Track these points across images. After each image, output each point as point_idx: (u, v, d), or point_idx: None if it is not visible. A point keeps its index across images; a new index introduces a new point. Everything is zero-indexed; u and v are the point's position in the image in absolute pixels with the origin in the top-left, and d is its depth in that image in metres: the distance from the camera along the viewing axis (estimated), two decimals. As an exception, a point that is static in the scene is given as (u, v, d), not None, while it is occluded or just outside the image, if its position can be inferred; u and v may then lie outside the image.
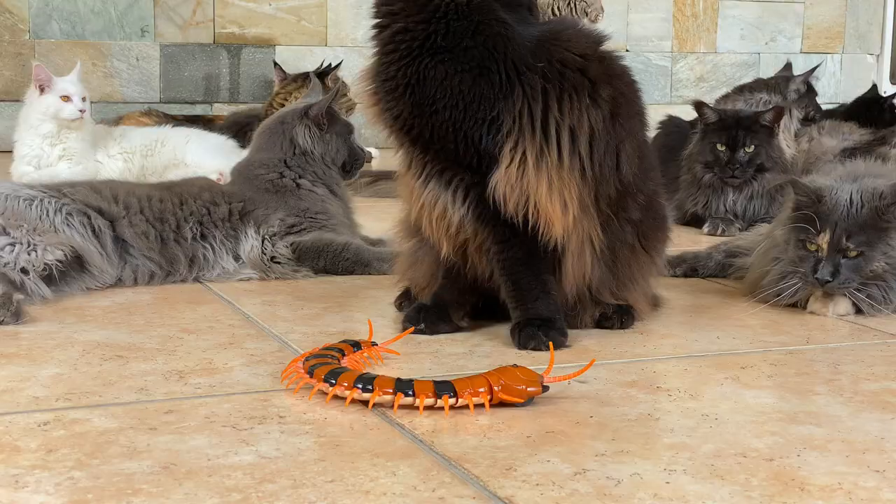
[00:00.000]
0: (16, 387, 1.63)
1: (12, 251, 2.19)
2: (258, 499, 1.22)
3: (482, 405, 1.54)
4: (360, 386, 1.54)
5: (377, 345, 1.79)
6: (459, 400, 1.53)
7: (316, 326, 2.04)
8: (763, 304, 2.23)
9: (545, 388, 1.57)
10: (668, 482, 1.29)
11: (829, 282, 2.14)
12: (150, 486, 1.25)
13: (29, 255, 2.20)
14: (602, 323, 2.04)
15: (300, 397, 1.60)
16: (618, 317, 2.04)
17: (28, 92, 3.67)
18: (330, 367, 1.59)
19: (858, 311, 2.21)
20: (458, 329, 2.01)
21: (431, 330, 1.97)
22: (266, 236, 2.52)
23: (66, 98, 3.58)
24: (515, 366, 1.58)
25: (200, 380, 1.68)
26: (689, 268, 2.60)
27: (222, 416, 1.50)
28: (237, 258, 2.50)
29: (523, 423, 1.50)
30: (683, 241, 3.09)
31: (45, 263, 2.21)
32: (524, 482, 1.29)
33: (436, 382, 1.54)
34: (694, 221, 3.45)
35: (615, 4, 5.63)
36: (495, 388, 1.54)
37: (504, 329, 2.00)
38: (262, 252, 2.51)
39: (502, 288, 1.95)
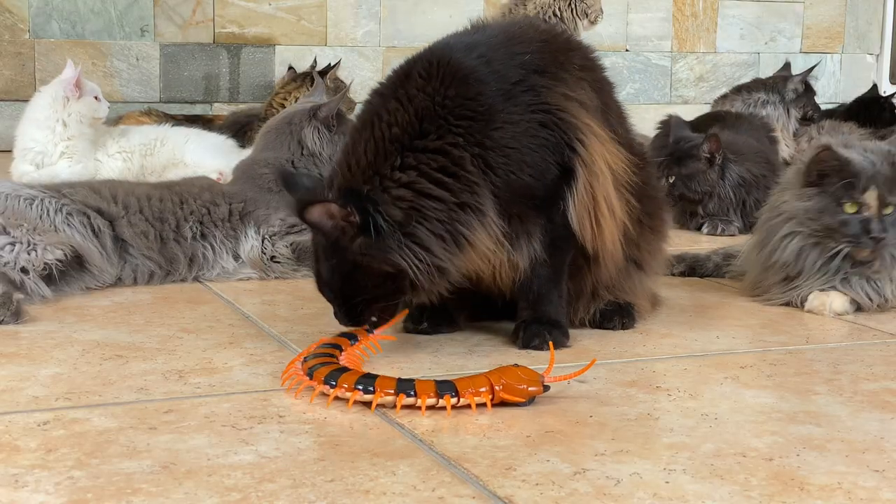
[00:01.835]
0: (16, 386, 1.63)
1: (12, 250, 2.19)
2: (258, 498, 1.22)
3: (484, 405, 1.54)
4: (361, 388, 1.54)
5: (372, 332, 1.78)
6: (461, 399, 1.53)
7: (315, 326, 2.04)
8: (781, 299, 2.24)
9: (546, 388, 1.57)
10: (667, 482, 1.29)
11: (882, 238, 2.15)
12: (150, 485, 1.25)
13: (29, 254, 2.20)
14: (604, 324, 2.04)
15: (300, 397, 1.60)
16: (619, 318, 2.04)
17: (50, 92, 3.66)
18: (330, 368, 1.58)
19: (858, 308, 2.22)
20: (459, 329, 2.01)
21: (433, 329, 1.98)
22: (266, 236, 2.52)
23: (97, 98, 3.66)
24: (516, 365, 1.58)
25: (200, 379, 1.69)
26: (688, 267, 2.61)
27: (222, 416, 1.51)
28: (237, 258, 2.50)
29: (523, 423, 1.50)
30: (683, 241, 3.09)
31: (45, 263, 2.21)
32: (524, 482, 1.29)
33: (437, 382, 1.54)
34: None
35: (615, 4, 5.63)
36: (497, 388, 1.54)
37: (504, 328, 2.00)
38: (262, 252, 2.50)
39: (521, 292, 1.93)
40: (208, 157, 3.68)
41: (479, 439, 1.43)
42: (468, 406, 1.53)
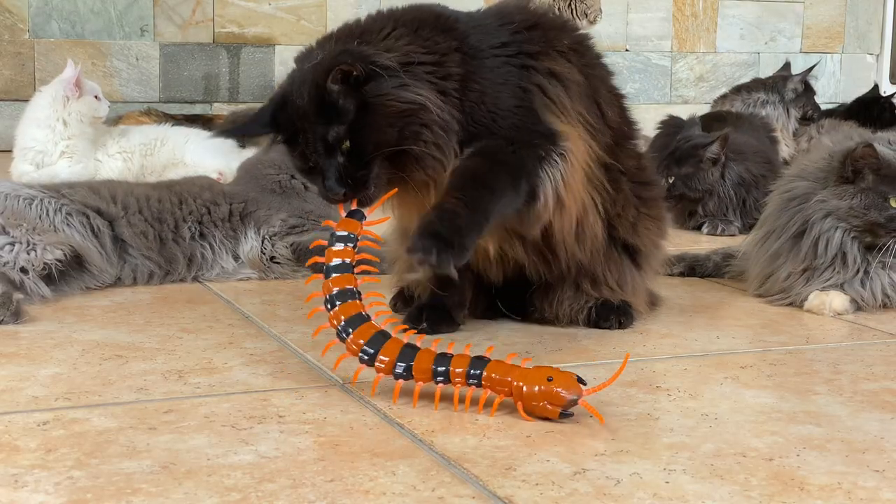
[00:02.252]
0: (15, 386, 1.63)
1: (12, 250, 2.19)
2: (257, 498, 1.22)
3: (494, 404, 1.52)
4: (400, 373, 1.54)
5: (364, 217, 1.70)
6: (480, 391, 1.52)
7: (315, 326, 2.03)
8: (803, 292, 2.24)
9: (566, 415, 1.50)
10: (667, 482, 1.29)
11: None
12: (150, 485, 1.25)
13: (28, 254, 2.20)
14: (599, 323, 2.03)
15: (299, 397, 1.60)
16: (616, 317, 2.03)
17: (50, 92, 3.66)
18: (366, 333, 1.57)
19: (858, 308, 2.22)
20: (458, 328, 2.01)
21: (433, 329, 1.97)
22: (266, 236, 2.51)
23: (97, 97, 3.67)
24: (550, 378, 1.50)
25: (200, 379, 1.68)
26: (688, 267, 2.61)
27: (222, 416, 1.50)
28: (236, 258, 2.50)
29: (523, 423, 1.49)
30: (683, 241, 3.09)
31: (45, 263, 2.21)
32: (524, 482, 1.29)
33: (472, 359, 1.53)
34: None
35: (615, 4, 5.63)
36: (515, 387, 1.50)
37: (504, 328, 2.00)
38: (262, 252, 2.50)
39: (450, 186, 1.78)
40: (208, 156, 3.68)
41: (479, 439, 1.43)
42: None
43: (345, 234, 1.67)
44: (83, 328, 2.00)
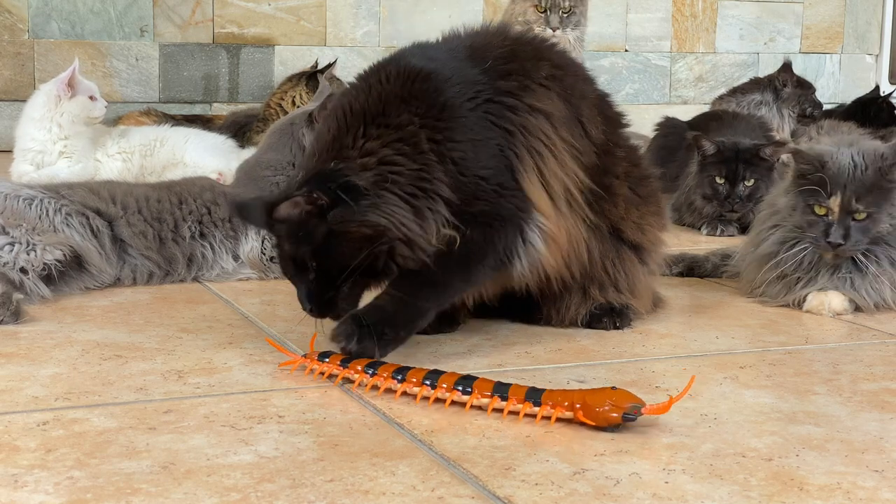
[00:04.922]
0: (15, 386, 1.63)
1: (11, 251, 2.19)
2: (257, 498, 1.22)
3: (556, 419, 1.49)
4: (460, 388, 1.53)
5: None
6: (540, 410, 1.49)
7: (315, 326, 2.04)
8: (759, 289, 2.25)
9: (630, 419, 1.46)
10: (666, 482, 1.29)
11: (840, 245, 2.16)
12: (150, 485, 1.25)
13: (28, 254, 2.20)
14: (592, 324, 2.02)
15: (298, 397, 1.60)
16: (609, 318, 2.02)
17: (45, 91, 3.65)
18: (422, 371, 1.58)
19: (857, 308, 2.22)
20: (459, 328, 2.01)
21: (433, 329, 1.97)
22: (266, 236, 2.51)
23: (93, 97, 3.64)
24: (614, 388, 1.49)
25: (199, 379, 1.69)
26: (687, 267, 2.61)
27: (221, 416, 1.51)
28: (236, 258, 2.50)
29: (522, 423, 1.49)
30: (684, 241, 3.09)
31: (45, 263, 2.21)
32: (523, 482, 1.29)
33: (529, 389, 1.51)
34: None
35: (614, 4, 5.63)
36: (577, 406, 1.47)
37: (504, 328, 2.00)
38: (262, 252, 2.50)
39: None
40: (208, 157, 3.67)
41: (478, 439, 1.43)
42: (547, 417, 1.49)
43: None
44: (83, 328, 2.00)
